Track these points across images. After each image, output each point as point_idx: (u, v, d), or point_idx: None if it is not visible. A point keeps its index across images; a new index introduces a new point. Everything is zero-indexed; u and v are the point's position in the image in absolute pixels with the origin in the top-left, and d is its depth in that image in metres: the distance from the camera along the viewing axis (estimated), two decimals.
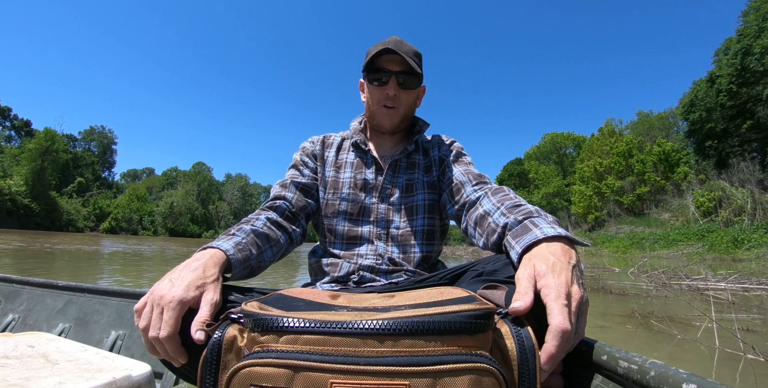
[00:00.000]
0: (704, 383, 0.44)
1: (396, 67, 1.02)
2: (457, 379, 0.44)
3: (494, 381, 0.45)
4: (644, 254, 16.84)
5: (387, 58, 1.02)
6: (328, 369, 0.45)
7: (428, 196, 1.06)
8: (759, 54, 20.48)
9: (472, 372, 0.45)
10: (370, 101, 1.08)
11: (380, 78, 1.03)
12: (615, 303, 4.50)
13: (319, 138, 1.18)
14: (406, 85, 1.04)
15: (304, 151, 1.16)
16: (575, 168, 36.42)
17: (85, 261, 8.09)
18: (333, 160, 1.13)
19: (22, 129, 55.99)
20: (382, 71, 1.02)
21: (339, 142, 1.17)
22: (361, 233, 1.04)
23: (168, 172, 74.05)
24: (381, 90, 1.04)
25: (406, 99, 1.07)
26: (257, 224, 0.90)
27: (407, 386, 0.44)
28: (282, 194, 1.03)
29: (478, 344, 0.48)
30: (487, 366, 0.45)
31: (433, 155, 1.12)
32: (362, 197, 1.06)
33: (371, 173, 1.08)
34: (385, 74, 1.02)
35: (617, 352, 0.55)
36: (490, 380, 0.45)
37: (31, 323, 1.45)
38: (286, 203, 1.02)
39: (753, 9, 21.79)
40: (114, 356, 0.81)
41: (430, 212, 1.05)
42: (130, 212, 54.82)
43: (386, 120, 1.07)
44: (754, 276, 6.60)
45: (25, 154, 42.38)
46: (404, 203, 1.05)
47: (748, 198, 18.85)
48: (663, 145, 27.17)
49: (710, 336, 2.77)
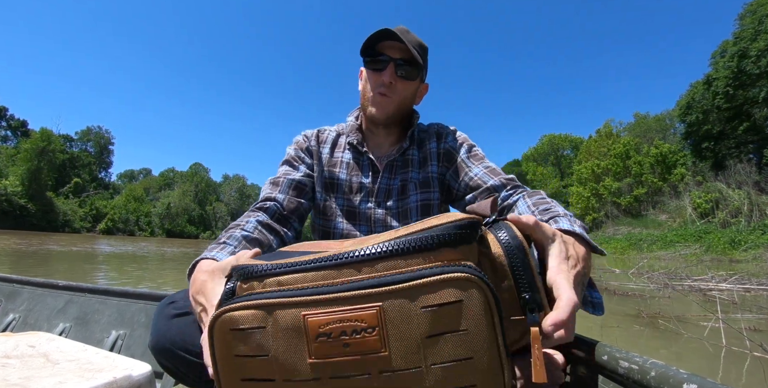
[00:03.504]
0: (705, 383, 0.44)
1: (396, 55, 0.96)
2: (434, 295, 0.41)
3: (478, 293, 0.41)
4: (642, 254, 16.90)
5: (388, 43, 0.96)
6: (301, 303, 0.43)
7: (420, 196, 1.02)
8: (755, 57, 20.58)
9: (452, 285, 0.41)
10: (366, 88, 1.01)
11: (378, 63, 0.97)
12: (619, 304, 4.54)
13: (313, 132, 1.12)
14: (405, 74, 0.97)
15: (298, 145, 1.09)
16: (573, 169, 36.53)
17: (80, 262, 8.05)
18: (328, 158, 1.07)
19: (19, 129, 55.72)
20: (380, 56, 0.96)
21: (334, 137, 1.11)
22: (358, 237, 1.01)
23: (165, 173, 73.83)
24: (377, 76, 0.97)
25: (403, 89, 0.99)
26: (248, 228, 0.86)
27: (380, 308, 0.41)
28: (273, 196, 0.98)
29: (463, 257, 0.45)
30: (470, 276, 0.41)
31: (431, 147, 1.06)
32: (358, 201, 1.03)
33: (367, 177, 1.04)
34: (383, 60, 0.96)
35: (618, 352, 0.55)
36: (472, 292, 0.41)
37: (32, 323, 1.45)
38: (276, 204, 0.97)
39: (749, 12, 21.91)
40: (114, 356, 0.81)
41: (423, 214, 1.01)
42: (127, 212, 54.62)
43: (378, 109, 0.99)
44: (753, 277, 6.64)
45: (22, 154, 42.20)
46: (400, 206, 1.02)
47: (745, 199, 18.94)
48: (660, 147, 27.26)
49: (716, 335, 2.79)
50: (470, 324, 0.41)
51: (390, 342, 0.41)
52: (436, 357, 0.41)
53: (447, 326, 0.41)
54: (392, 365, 0.41)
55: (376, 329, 0.41)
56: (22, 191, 40.32)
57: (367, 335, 0.41)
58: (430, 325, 0.41)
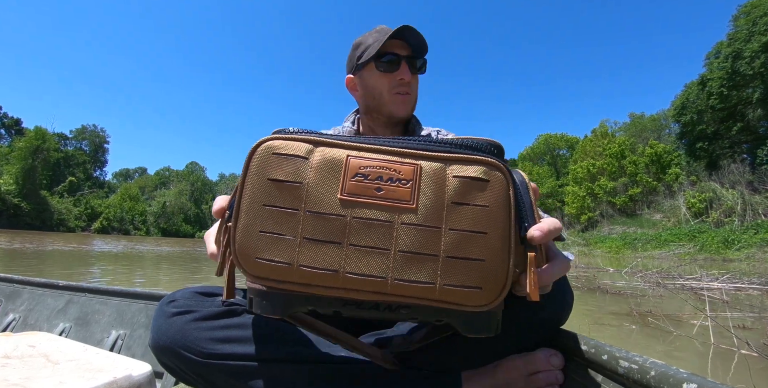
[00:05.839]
0: (705, 383, 0.44)
1: (404, 52, 0.95)
2: (467, 167, 0.45)
3: (501, 175, 0.46)
4: (637, 254, 17.02)
5: (393, 42, 0.95)
6: (347, 146, 0.46)
7: None
8: (749, 58, 20.72)
9: (482, 164, 0.46)
10: (375, 91, 0.98)
11: (391, 64, 0.95)
12: (611, 302, 4.58)
13: None
14: (416, 70, 0.98)
15: None
16: (568, 169, 36.62)
17: (74, 262, 8.01)
18: None
19: (12, 128, 55.21)
20: (389, 56, 0.95)
21: None
22: None
23: (161, 172, 73.47)
24: (391, 76, 0.95)
25: (416, 85, 1.00)
26: None
27: (418, 166, 0.45)
28: None
29: None
30: (497, 162, 0.46)
31: None
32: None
33: None
34: (395, 59, 0.95)
35: (617, 351, 0.55)
36: (498, 175, 0.46)
37: (32, 323, 1.45)
38: None
39: (743, 13, 22.07)
40: (115, 356, 0.81)
41: None
42: (122, 211, 54.28)
43: (401, 108, 0.98)
44: (745, 276, 6.71)
45: (15, 153, 41.75)
46: None
47: (738, 199, 19.09)
48: (655, 147, 27.41)
49: (705, 333, 2.84)
50: (492, 202, 0.45)
51: (419, 197, 0.44)
52: (455, 223, 0.44)
53: (472, 198, 0.45)
54: (415, 218, 0.44)
55: (410, 183, 0.45)
56: (16, 190, 39.96)
57: (401, 185, 0.44)
58: (457, 192, 0.45)
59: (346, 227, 0.44)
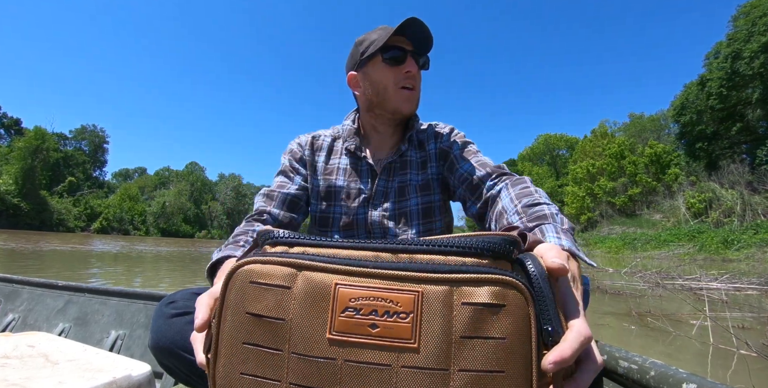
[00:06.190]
0: (704, 383, 0.44)
1: (408, 46, 0.94)
2: (477, 289, 0.37)
3: (519, 295, 0.38)
4: (636, 254, 17.02)
5: (399, 38, 0.94)
6: (334, 270, 0.39)
7: (421, 199, 1.00)
8: (748, 58, 20.76)
9: (495, 284, 0.38)
10: (380, 86, 0.96)
11: (397, 58, 0.94)
12: (611, 302, 4.58)
13: (307, 140, 1.08)
14: (422, 64, 0.97)
15: (292, 155, 1.06)
16: (568, 169, 36.67)
17: (74, 262, 8.00)
18: (323, 166, 1.04)
19: (12, 128, 55.17)
20: (395, 50, 0.94)
21: (329, 143, 1.07)
22: None
23: (160, 172, 73.43)
24: (398, 70, 0.94)
25: (420, 80, 0.98)
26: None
27: (419, 294, 0.37)
28: (267, 210, 0.96)
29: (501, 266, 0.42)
30: (512, 279, 0.38)
31: (429, 148, 1.04)
32: (355, 207, 1.00)
33: (366, 182, 1.01)
34: (400, 54, 0.93)
35: (617, 351, 0.55)
36: (515, 293, 0.38)
37: (32, 323, 1.45)
38: (271, 218, 0.95)
39: (743, 14, 22.11)
40: (114, 356, 0.81)
41: (425, 217, 0.99)
42: (122, 211, 54.25)
43: (406, 104, 0.97)
44: (744, 276, 6.72)
45: (15, 153, 41.72)
46: (398, 209, 0.99)
47: (738, 199, 19.10)
48: (655, 147, 27.44)
49: (705, 333, 2.84)
50: (510, 333, 0.37)
51: (421, 334, 0.37)
52: (466, 362, 0.37)
53: (485, 330, 0.37)
54: (418, 359, 0.37)
55: (410, 316, 0.37)
56: (16, 190, 39.93)
57: (399, 320, 0.37)
58: (468, 324, 0.37)
59: (337, 373, 0.38)
